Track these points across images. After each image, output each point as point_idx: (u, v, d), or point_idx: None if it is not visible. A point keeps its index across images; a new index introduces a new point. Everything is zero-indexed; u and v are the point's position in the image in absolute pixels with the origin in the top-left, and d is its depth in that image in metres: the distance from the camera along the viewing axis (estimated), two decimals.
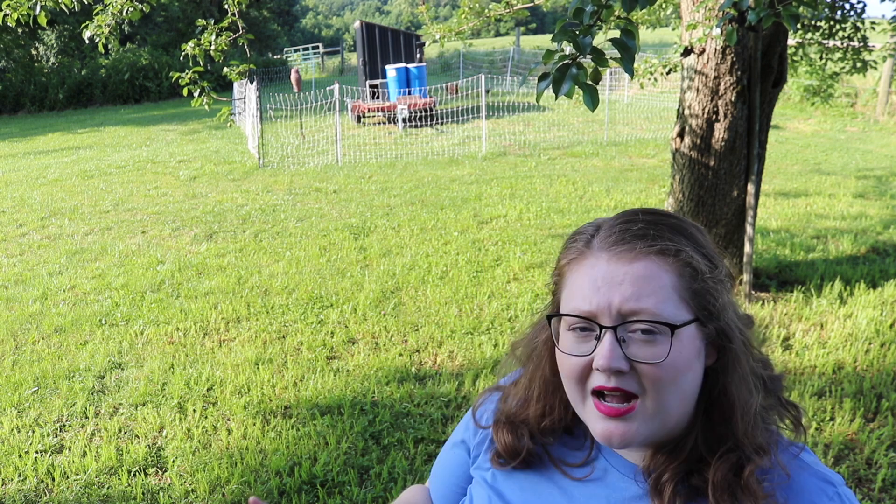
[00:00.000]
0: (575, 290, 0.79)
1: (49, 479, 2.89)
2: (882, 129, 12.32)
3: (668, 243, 0.77)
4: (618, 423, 0.76)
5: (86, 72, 22.86)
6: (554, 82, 1.65)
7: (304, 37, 48.58)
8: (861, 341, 3.77)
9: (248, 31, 4.26)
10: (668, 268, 0.76)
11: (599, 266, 0.77)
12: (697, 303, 0.76)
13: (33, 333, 4.38)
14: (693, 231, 0.80)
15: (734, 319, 0.79)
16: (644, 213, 0.81)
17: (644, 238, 0.77)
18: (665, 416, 0.76)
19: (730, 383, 0.78)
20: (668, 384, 0.74)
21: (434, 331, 4.13)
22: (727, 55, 3.95)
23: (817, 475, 0.80)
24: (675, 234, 0.78)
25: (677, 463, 0.79)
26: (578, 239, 0.82)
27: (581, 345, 0.78)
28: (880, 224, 6.09)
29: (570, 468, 0.87)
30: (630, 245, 0.76)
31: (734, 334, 0.78)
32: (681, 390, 0.76)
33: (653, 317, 0.74)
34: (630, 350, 0.74)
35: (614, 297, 0.75)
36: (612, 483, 0.84)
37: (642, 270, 0.75)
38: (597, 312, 0.76)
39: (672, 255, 0.76)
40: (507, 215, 6.71)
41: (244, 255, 5.82)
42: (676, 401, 0.76)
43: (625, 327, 0.75)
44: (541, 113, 14.46)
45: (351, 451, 3.00)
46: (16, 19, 3.70)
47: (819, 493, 0.78)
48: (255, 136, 10.79)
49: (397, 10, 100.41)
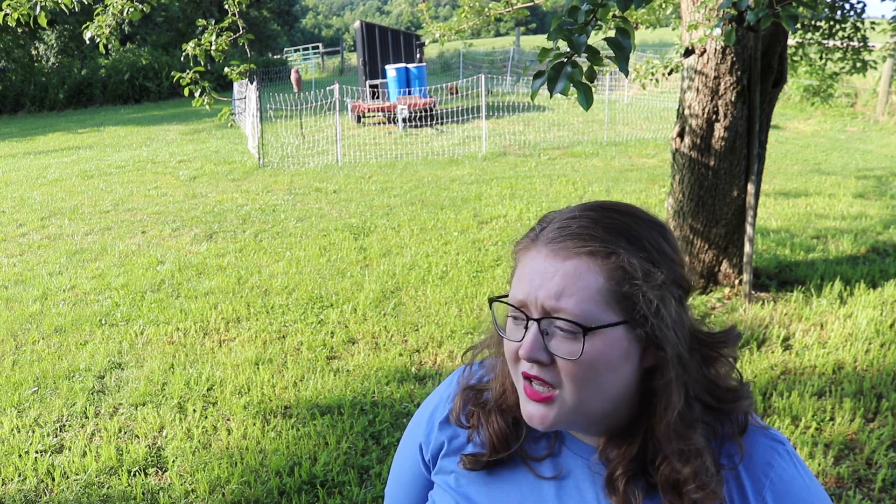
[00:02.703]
0: (517, 278, 0.82)
1: (49, 479, 2.89)
2: (882, 129, 12.32)
3: (599, 245, 0.77)
4: (538, 406, 0.80)
5: (86, 72, 22.86)
6: (549, 80, 1.66)
7: (304, 37, 48.59)
8: (861, 341, 3.77)
9: (249, 31, 4.26)
10: (597, 269, 0.77)
11: (538, 259, 0.80)
12: (627, 306, 0.77)
13: (33, 333, 4.38)
14: (641, 232, 0.80)
15: (675, 328, 0.78)
16: (594, 211, 0.81)
17: (578, 238, 0.78)
18: (585, 409, 0.79)
19: (658, 387, 0.79)
20: (586, 381, 0.77)
21: (434, 331, 4.13)
22: (727, 55, 3.95)
23: (766, 435, 0.84)
24: (615, 234, 0.78)
25: (627, 459, 0.81)
26: (535, 228, 0.84)
27: (515, 331, 0.81)
28: (880, 224, 6.09)
29: (537, 464, 0.88)
30: (564, 244, 0.78)
31: (668, 342, 0.77)
32: (601, 388, 0.78)
33: (570, 316, 0.76)
34: (552, 343, 0.78)
35: (541, 291, 0.78)
36: (580, 482, 0.85)
37: (571, 269, 0.77)
38: (527, 303, 0.79)
39: (602, 257, 0.77)
40: (508, 215, 6.71)
41: (244, 255, 5.82)
42: (596, 397, 0.78)
43: (549, 321, 0.78)
44: (541, 113, 14.46)
45: (351, 451, 3.00)
46: (16, 19, 3.70)
47: (771, 451, 0.83)
48: (255, 136, 10.80)
49: (397, 10, 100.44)
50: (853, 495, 2.61)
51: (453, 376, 1.01)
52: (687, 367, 0.79)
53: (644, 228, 0.80)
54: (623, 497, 0.80)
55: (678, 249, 0.83)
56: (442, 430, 0.96)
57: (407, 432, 1.04)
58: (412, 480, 1.01)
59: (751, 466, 0.82)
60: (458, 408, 0.95)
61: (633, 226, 0.80)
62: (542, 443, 0.90)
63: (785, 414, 3.11)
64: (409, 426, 1.03)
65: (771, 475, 0.81)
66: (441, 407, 0.98)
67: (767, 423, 1.00)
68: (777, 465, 0.82)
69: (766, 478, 0.81)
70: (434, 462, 0.96)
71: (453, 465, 0.93)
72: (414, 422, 1.02)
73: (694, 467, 0.77)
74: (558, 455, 0.88)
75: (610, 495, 0.82)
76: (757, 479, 0.81)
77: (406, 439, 1.03)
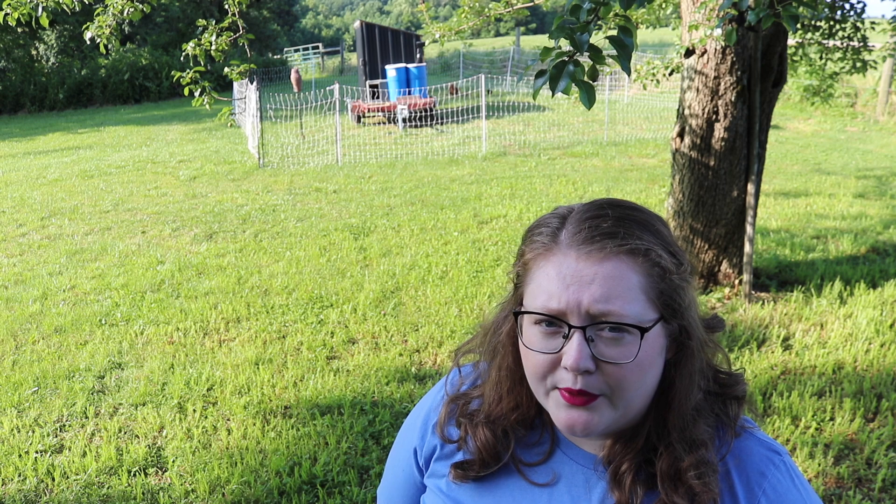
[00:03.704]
0: (542, 285, 0.77)
1: (49, 479, 2.89)
2: (882, 129, 12.32)
3: (637, 242, 0.75)
4: (581, 412, 0.75)
5: (86, 72, 22.85)
6: (551, 79, 1.65)
7: (304, 37, 48.61)
8: (861, 341, 3.77)
9: (249, 31, 4.26)
10: (638, 268, 0.75)
11: (568, 263, 0.75)
12: (663, 301, 0.76)
13: (33, 333, 4.38)
14: (659, 226, 0.79)
15: (696, 317, 0.80)
16: (611, 208, 0.78)
17: (614, 237, 0.75)
18: (626, 410, 0.77)
19: (678, 377, 0.79)
20: (633, 383, 0.75)
21: (434, 331, 4.13)
22: (727, 55, 3.95)
23: (763, 444, 0.83)
24: (643, 230, 0.77)
25: (633, 452, 0.80)
26: (543, 231, 0.79)
27: (548, 341, 0.76)
28: (880, 224, 6.09)
29: (530, 470, 0.87)
30: (600, 244, 0.74)
31: (694, 332, 0.79)
32: (643, 386, 0.76)
33: (621, 318, 0.73)
34: (597, 349, 0.74)
35: (584, 296, 0.73)
36: (573, 487, 0.84)
37: (612, 270, 0.74)
38: (566, 311, 0.74)
39: (641, 254, 0.75)
40: (508, 215, 6.71)
41: (244, 255, 5.82)
42: (638, 396, 0.77)
43: (594, 327, 0.74)
44: (541, 113, 14.46)
45: (351, 451, 3.00)
46: (16, 19, 3.70)
47: (766, 461, 0.81)
48: (255, 136, 10.80)
49: (397, 10, 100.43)
50: (853, 495, 2.61)
51: (446, 378, 0.99)
52: (702, 357, 0.80)
53: (655, 222, 0.80)
54: (627, 494, 0.79)
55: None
56: (435, 434, 0.94)
57: (401, 434, 1.02)
58: (405, 482, 1.00)
59: (743, 475, 0.80)
60: (443, 420, 0.93)
61: (650, 220, 0.79)
62: (535, 449, 0.88)
63: (785, 414, 3.11)
64: (403, 428, 1.02)
65: (764, 485, 0.80)
66: (434, 411, 0.96)
67: (767, 422, 0.99)
68: (771, 475, 0.80)
69: (760, 488, 0.79)
70: (427, 465, 0.95)
71: (445, 470, 0.91)
72: (408, 424, 1.01)
73: (697, 457, 0.77)
74: (552, 461, 0.87)
75: (613, 490, 0.80)
76: (751, 489, 0.79)
77: (400, 442, 1.02)
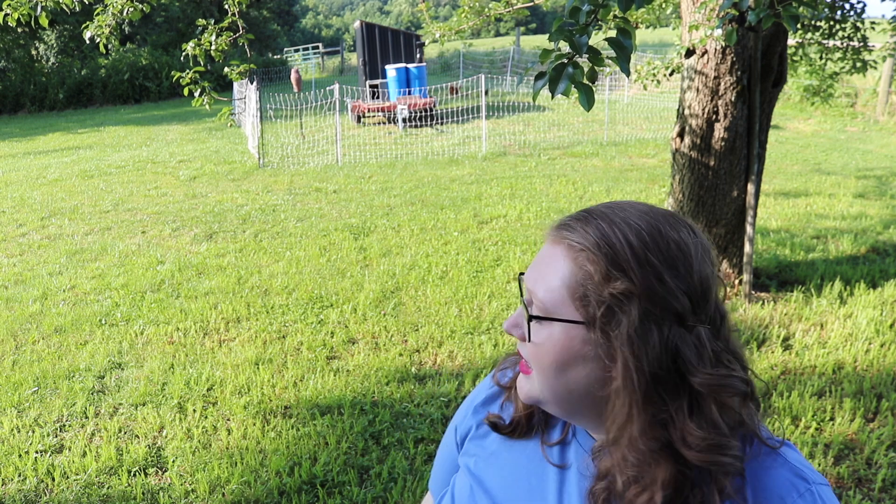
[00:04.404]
0: None
1: (49, 479, 2.89)
2: (882, 129, 12.32)
3: (579, 240, 0.76)
4: (522, 377, 0.84)
5: (86, 72, 22.86)
6: (550, 81, 1.66)
7: (304, 37, 48.61)
8: (861, 341, 3.77)
9: (249, 31, 4.26)
10: (570, 263, 0.77)
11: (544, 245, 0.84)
12: (586, 308, 0.74)
13: (33, 333, 4.38)
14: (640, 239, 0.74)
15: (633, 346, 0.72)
16: (607, 207, 0.81)
17: (570, 229, 0.79)
18: (553, 394, 0.80)
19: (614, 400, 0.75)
20: (543, 368, 0.79)
21: (434, 331, 4.13)
22: (727, 55, 3.95)
23: (792, 470, 0.76)
24: (599, 235, 0.75)
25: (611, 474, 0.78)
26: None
27: None
28: (880, 224, 6.09)
29: (550, 449, 0.90)
30: (558, 233, 0.80)
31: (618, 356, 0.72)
32: (565, 380, 0.78)
33: (538, 301, 0.79)
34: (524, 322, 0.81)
35: (528, 274, 0.82)
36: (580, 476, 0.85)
37: (550, 258, 0.79)
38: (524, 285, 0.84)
39: (577, 251, 0.76)
40: (507, 215, 6.71)
41: (244, 255, 5.82)
42: (561, 387, 0.79)
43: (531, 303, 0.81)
44: (541, 113, 14.46)
45: (351, 451, 3.00)
46: (16, 19, 3.70)
47: (789, 488, 0.74)
48: (255, 136, 10.80)
49: (397, 10, 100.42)
50: (853, 495, 2.61)
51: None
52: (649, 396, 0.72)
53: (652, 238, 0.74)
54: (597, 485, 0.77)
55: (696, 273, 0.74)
56: (475, 415, 0.99)
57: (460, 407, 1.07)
58: (446, 459, 1.05)
59: (760, 499, 0.74)
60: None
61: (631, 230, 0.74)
62: (556, 429, 0.91)
63: (785, 414, 3.11)
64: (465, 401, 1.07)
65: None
66: (482, 391, 1.01)
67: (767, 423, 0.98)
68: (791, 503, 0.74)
69: None
70: (462, 444, 1.00)
71: (476, 450, 0.96)
72: (461, 406, 1.06)
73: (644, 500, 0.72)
74: (568, 445, 0.89)
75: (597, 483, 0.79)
76: None
77: (451, 422, 1.07)
